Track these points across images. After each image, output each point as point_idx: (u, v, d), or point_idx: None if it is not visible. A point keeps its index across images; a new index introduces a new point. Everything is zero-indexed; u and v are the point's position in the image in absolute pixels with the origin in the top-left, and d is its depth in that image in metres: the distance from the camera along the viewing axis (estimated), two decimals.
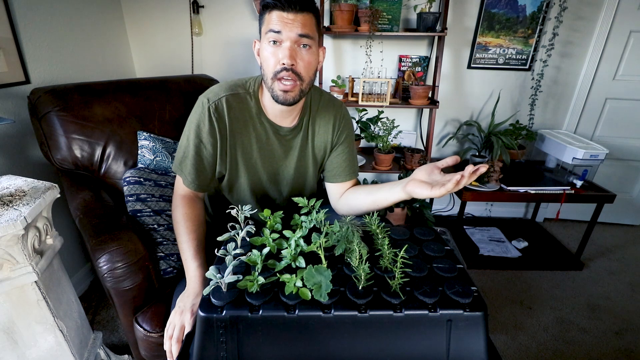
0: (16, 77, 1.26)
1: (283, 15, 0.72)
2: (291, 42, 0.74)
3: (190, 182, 0.87)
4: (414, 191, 0.71)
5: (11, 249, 0.77)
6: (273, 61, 0.75)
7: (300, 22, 0.73)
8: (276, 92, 0.78)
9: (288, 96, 0.78)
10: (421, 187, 0.69)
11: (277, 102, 0.80)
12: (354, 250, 0.60)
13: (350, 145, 0.98)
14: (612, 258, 2.01)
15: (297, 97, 0.79)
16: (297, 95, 0.79)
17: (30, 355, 0.88)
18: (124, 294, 0.90)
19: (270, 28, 0.73)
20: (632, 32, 1.91)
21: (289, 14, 0.72)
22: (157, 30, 1.98)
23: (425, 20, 1.76)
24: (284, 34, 0.73)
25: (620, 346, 1.41)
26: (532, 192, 1.74)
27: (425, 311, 0.55)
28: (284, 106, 0.81)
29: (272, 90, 0.79)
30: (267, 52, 0.76)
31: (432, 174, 0.72)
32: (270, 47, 0.75)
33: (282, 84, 0.76)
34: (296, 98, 0.79)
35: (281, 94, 0.77)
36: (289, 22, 0.72)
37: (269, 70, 0.77)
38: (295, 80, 0.76)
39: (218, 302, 0.55)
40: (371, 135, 1.89)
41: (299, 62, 0.76)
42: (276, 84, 0.77)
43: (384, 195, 0.82)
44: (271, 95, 0.80)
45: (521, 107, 2.13)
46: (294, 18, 0.73)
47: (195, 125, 0.84)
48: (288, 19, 0.72)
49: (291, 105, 0.81)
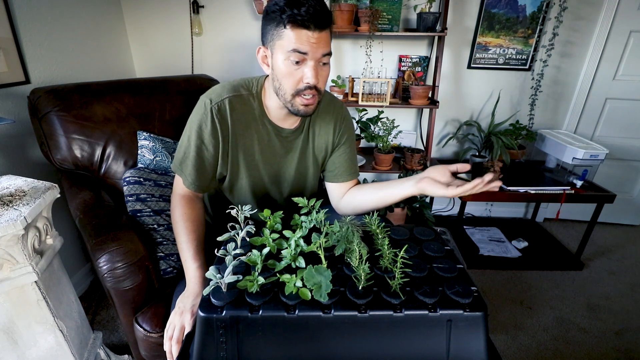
0: (16, 77, 1.26)
1: (309, 35, 0.70)
2: (315, 62, 0.74)
3: (190, 182, 0.87)
4: (427, 188, 0.73)
5: (11, 249, 0.77)
6: (296, 79, 0.75)
7: (324, 41, 0.72)
8: (297, 106, 0.79)
9: (309, 109, 0.80)
10: (436, 185, 0.72)
11: (296, 115, 0.82)
12: (354, 250, 0.60)
13: (351, 145, 0.99)
14: (612, 258, 2.01)
15: (315, 108, 0.81)
16: (315, 107, 0.81)
17: (30, 355, 0.88)
18: (124, 294, 0.90)
19: (295, 48, 0.71)
20: (632, 32, 1.91)
21: (315, 32, 0.70)
22: (157, 30, 1.98)
23: (425, 20, 1.76)
24: (310, 54, 0.72)
25: (620, 346, 1.41)
26: (532, 192, 1.74)
27: (425, 311, 0.55)
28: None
29: (292, 105, 0.79)
30: (288, 69, 0.75)
31: (444, 176, 0.75)
32: (292, 65, 0.74)
33: (304, 99, 0.77)
34: (314, 109, 0.81)
35: (302, 108, 0.79)
36: (314, 42, 0.71)
37: (289, 87, 0.76)
38: (316, 96, 0.78)
39: (218, 302, 0.55)
40: (371, 135, 1.89)
41: (320, 79, 0.77)
42: (298, 99, 0.78)
43: (393, 191, 0.83)
44: (289, 109, 0.81)
45: (521, 107, 2.13)
46: (319, 37, 0.71)
47: (197, 126, 0.83)
48: (314, 39, 0.71)
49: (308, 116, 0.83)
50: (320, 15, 0.70)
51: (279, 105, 0.83)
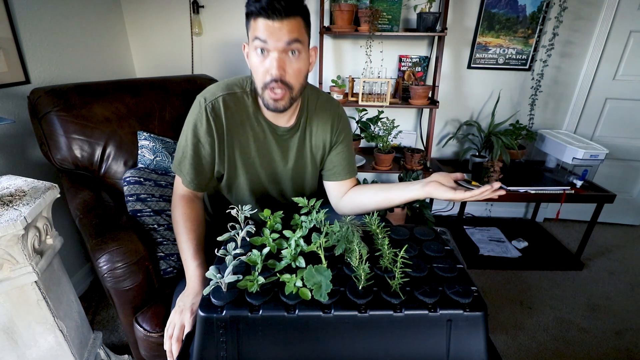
0: (16, 77, 1.26)
1: (268, 24, 0.69)
2: (279, 51, 0.72)
3: (189, 181, 0.87)
4: (435, 192, 0.75)
5: (11, 249, 0.77)
6: (262, 71, 0.75)
7: (287, 29, 0.70)
8: (267, 100, 0.78)
9: (279, 104, 0.78)
10: (443, 189, 0.74)
11: (268, 109, 0.81)
12: (354, 250, 0.60)
13: (348, 144, 0.99)
14: (612, 258, 2.01)
15: (288, 104, 0.79)
16: (287, 103, 0.79)
17: (30, 355, 0.88)
18: (124, 294, 0.90)
19: (256, 35, 0.71)
20: (632, 32, 1.91)
21: (275, 21, 0.69)
22: (157, 30, 1.98)
23: (425, 20, 1.76)
24: (270, 43, 0.71)
25: (620, 346, 1.41)
26: (532, 192, 1.74)
27: (425, 311, 0.55)
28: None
29: (263, 99, 0.79)
30: (255, 61, 0.75)
31: (449, 182, 0.77)
32: (257, 55, 0.73)
33: (273, 92, 0.76)
34: (286, 105, 0.79)
35: (272, 102, 0.78)
36: (275, 30, 0.69)
37: (258, 80, 0.77)
38: (284, 90, 0.76)
39: (218, 302, 0.55)
40: (371, 135, 1.89)
41: (288, 71, 0.74)
42: (266, 93, 0.77)
43: (398, 193, 0.84)
44: (262, 102, 0.81)
45: (521, 107, 2.13)
46: (280, 26, 0.69)
47: (192, 125, 0.84)
48: (274, 27, 0.69)
49: (282, 112, 0.82)
50: (282, 2, 0.68)
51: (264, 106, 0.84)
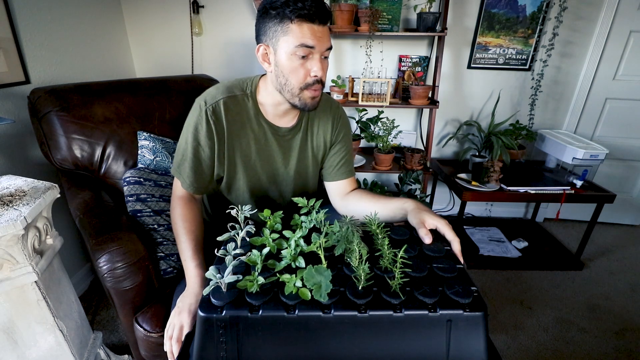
0: (16, 77, 1.26)
1: (314, 29, 0.72)
2: (321, 55, 0.76)
3: (188, 184, 0.87)
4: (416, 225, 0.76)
5: (11, 249, 0.77)
6: (303, 73, 0.77)
7: (327, 34, 0.75)
8: (305, 100, 0.80)
9: (315, 102, 0.82)
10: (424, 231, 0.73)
11: (303, 109, 0.83)
12: (354, 250, 0.60)
13: (347, 143, 0.99)
14: (612, 258, 2.01)
15: (320, 100, 0.84)
16: (320, 100, 0.84)
17: (30, 355, 0.88)
18: (124, 294, 0.90)
19: (302, 42, 0.72)
20: (632, 32, 1.91)
21: (319, 26, 0.73)
22: (157, 30, 1.98)
23: (425, 20, 1.76)
24: (316, 48, 0.74)
25: (620, 346, 1.41)
26: (532, 192, 1.74)
27: (425, 311, 0.55)
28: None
29: (299, 100, 0.80)
30: (295, 64, 0.76)
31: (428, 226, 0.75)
32: (297, 58, 0.75)
33: (312, 92, 0.79)
34: (320, 102, 0.84)
35: (311, 101, 0.81)
36: (320, 35, 0.73)
37: (297, 81, 0.78)
38: (319, 89, 0.80)
39: (218, 302, 0.55)
40: (371, 135, 1.89)
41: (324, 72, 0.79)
42: (306, 93, 0.79)
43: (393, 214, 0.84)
44: (296, 103, 0.82)
45: (521, 107, 2.13)
46: (323, 31, 0.74)
47: (192, 128, 0.84)
48: (319, 33, 0.73)
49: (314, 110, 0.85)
50: (323, 9, 0.73)
51: (276, 101, 0.84)
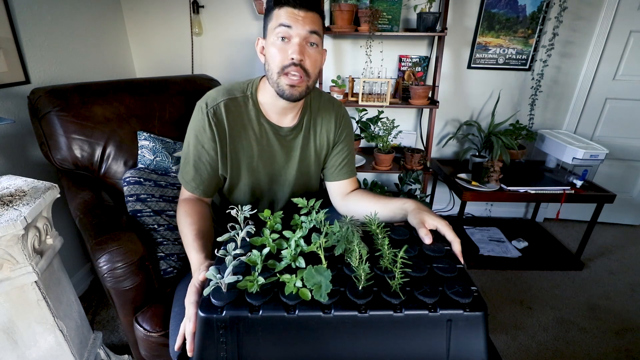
0: (16, 77, 1.26)
1: (294, 12, 0.74)
2: (300, 38, 0.75)
3: (194, 187, 0.87)
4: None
5: (11, 249, 0.77)
6: (281, 56, 0.76)
7: (309, 19, 0.75)
8: (282, 86, 0.78)
9: (294, 91, 0.78)
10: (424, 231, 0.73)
11: (282, 97, 0.79)
12: (354, 250, 0.60)
13: (349, 143, 0.99)
14: (612, 258, 2.01)
15: (303, 92, 0.79)
16: (303, 91, 0.79)
17: (30, 355, 0.88)
18: (124, 294, 0.90)
19: (280, 22, 0.74)
20: (632, 32, 1.91)
21: (300, 10, 0.74)
22: (157, 30, 1.98)
23: (425, 20, 1.76)
24: (294, 29, 0.74)
25: (620, 346, 1.41)
26: (532, 192, 1.74)
27: (425, 311, 0.55)
28: (288, 102, 0.81)
29: (277, 85, 0.78)
30: (275, 48, 0.76)
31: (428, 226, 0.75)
32: (278, 42, 0.75)
33: (289, 78, 0.76)
34: (302, 94, 0.79)
35: (287, 88, 0.77)
36: (299, 18, 0.74)
37: (275, 65, 0.76)
38: (302, 76, 0.77)
39: (218, 302, 0.55)
40: (371, 135, 1.89)
41: (306, 58, 0.76)
42: (282, 79, 0.77)
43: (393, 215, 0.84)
44: (276, 90, 0.79)
45: (521, 107, 2.13)
46: (304, 15, 0.74)
47: (195, 132, 0.84)
48: (299, 16, 0.74)
49: (295, 102, 0.81)
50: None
51: (273, 95, 0.82)
